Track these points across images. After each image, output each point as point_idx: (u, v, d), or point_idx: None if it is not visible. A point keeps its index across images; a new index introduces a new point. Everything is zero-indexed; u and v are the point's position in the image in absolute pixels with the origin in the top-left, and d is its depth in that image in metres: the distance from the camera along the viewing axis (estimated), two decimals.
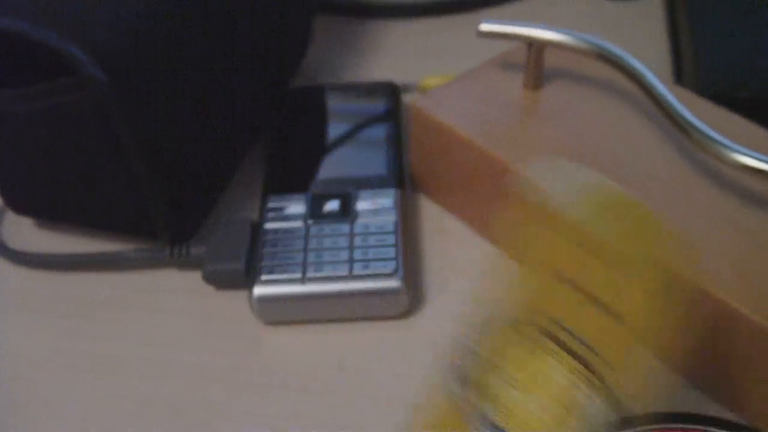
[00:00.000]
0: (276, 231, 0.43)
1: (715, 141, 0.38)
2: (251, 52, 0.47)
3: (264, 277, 0.40)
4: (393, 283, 0.40)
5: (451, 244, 0.45)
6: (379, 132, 0.49)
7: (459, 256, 0.45)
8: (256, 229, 0.44)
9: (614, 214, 0.29)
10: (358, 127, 0.49)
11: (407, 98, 0.53)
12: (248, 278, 0.42)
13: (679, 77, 0.53)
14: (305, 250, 0.42)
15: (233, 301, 0.43)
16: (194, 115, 0.43)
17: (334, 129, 0.49)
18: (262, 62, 0.49)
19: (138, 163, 0.40)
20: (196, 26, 0.42)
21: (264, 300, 0.40)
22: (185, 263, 0.44)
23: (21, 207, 0.46)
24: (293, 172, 0.46)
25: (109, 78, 0.37)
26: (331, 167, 0.47)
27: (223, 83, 0.45)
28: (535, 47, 0.44)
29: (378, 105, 0.51)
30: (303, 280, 0.40)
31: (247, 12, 0.46)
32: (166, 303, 0.43)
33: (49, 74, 0.39)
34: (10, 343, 0.42)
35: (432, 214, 0.47)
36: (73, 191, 0.43)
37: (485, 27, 0.44)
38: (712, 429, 0.37)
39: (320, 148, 0.48)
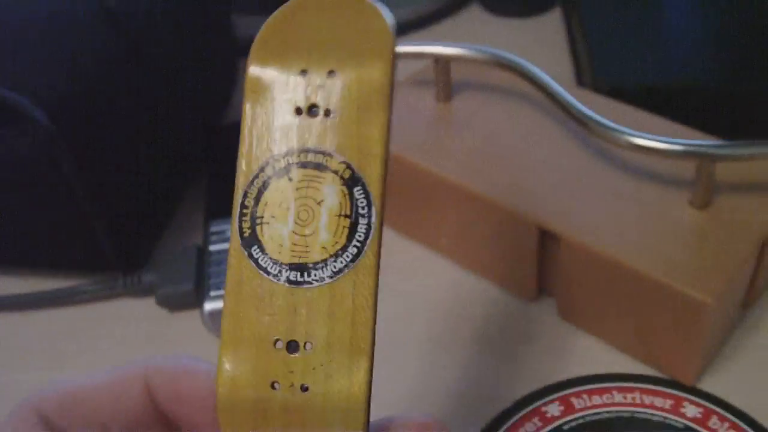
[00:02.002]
0: (220, 252, 0.46)
1: (608, 127, 0.42)
2: (182, 95, 0.51)
3: (213, 293, 0.44)
4: None
5: (384, 250, 0.49)
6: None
7: (396, 262, 0.48)
8: (202, 252, 0.47)
9: None
10: None
11: None
12: (198, 297, 0.45)
13: (580, 80, 0.57)
14: None
15: (186, 320, 0.46)
16: (134, 153, 0.46)
17: None
18: (193, 103, 0.53)
19: (86, 201, 0.43)
20: (131, 75, 0.46)
21: (215, 314, 0.44)
22: (138, 291, 0.47)
23: None
24: (232, 196, 0.50)
25: (54, 124, 0.40)
26: None
27: (158, 124, 0.49)
28: (441, 63, 0.49)
29: None
30: None
31: (176, 61, 0.50)
32: (124, 329, 0.46)
33: None
34: None
35: None
36: (26, 237, 0.46)
37: (397, 49, 0.49)
38: (641, 385, 0.41)
39: None
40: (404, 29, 0.68)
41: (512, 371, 0.42)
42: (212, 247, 0.47)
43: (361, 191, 0.26)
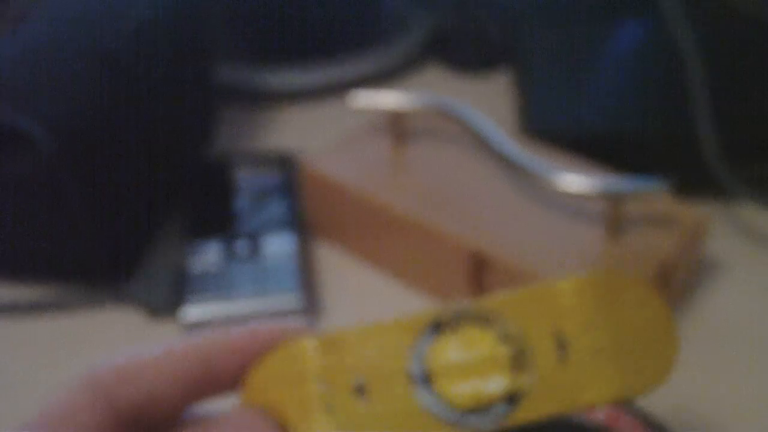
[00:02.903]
0: (199, 268, 0.53)
1: (534, 170, 0.49)
2: (169, 130, 0.58)
3: (192, 303, 0.51)
4: (293, 303, 0.51)
5: (344, 274, 0.56)
6: (277, 190, 0.60)
7: (352, 282, 0.55)
8: (182, 266, 0.54)
9: None
10: (260, 186, 0.60)
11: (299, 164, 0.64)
12: (177, 307, 0.52)
13: (522, 127, 0.64)
14: (225, 282, 0.52)
15: (167, 327, 0.52)
16: (125, 178, 0.53)
17: (241, 188, 0.60)
18: (178, 139, 0.60)
19: (84, 218, 0.49)
20: (126, 110, 0.53)
21: (193, 323, 0.51)
22: (123, 299, 0.53)
23: None
24: (210, 221, 0.57)
25: (59, 148, 0.47)
26: (240, 218, 0.57)
27: (148, 154, 0.55)
28: (395, 112, 0.56)
29: (275, 169, 0.62)
30: (224, 302, 0.51)
31: (165, 101, 0.57)
32: (110, 335, 0.52)
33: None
34: None
35: (327, 251, 0.57)
36: (21, 248, 0.53)
37: (353, 102, 0.56)
38: None
39: (230, 204, 0.58)
40: (367, 83, 0.75)
41: None
42: (191, 263, 0.54)
43: (505, 411, 0.28)
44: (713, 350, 0.50)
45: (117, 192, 0.52)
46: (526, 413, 0.28)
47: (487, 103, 0.67)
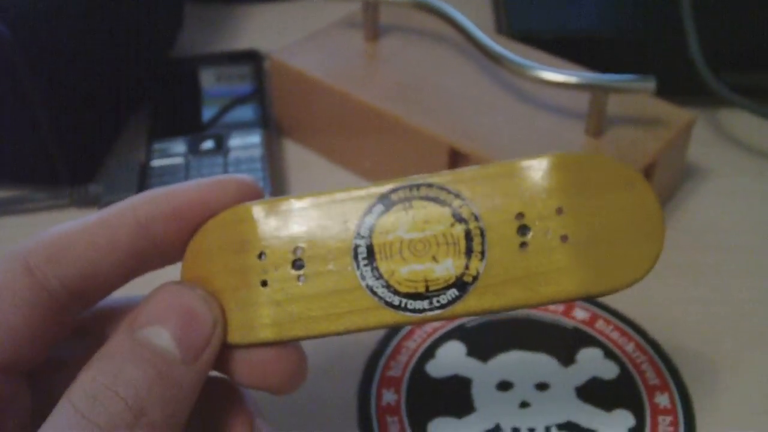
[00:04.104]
0: (161, 167, 0.50)
1: (516, 62, 0.47)
2: (134, 26, 0.55)
3: None
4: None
5: (313, 173, 0.53)
6: (245, 88, 0.57)
7: (319, 181, 0.53)
8: (144, 167, 0.51)
9: None
10: (229, 85, 0.57)
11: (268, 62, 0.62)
12: None
13: (499, 28, 0.62)
14: (186, 178, 0.49)
15: None
16: (86, 70, 0.50)
17: (208, 87, 0.57)
18: (142, 34, 0.56)
19: (40, 111, 0.47)
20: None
21: None
22: (84, 201, 0.50)
23: None
24: (174, 120, 0.54)
25: (12, 34, 0.44)
26: (206, 118, 0.54)
27: (111, 48, 0.52)
28: (370, 6, 0.53)
29: (244, 67, 0.59)
30: None
31: None
32: None
33: None
34: None
35: (296, 152, 0.55)
36: None
37: None
38: None
39: (197, 102, 0.56)
40: None
41: None
42: (153, 163, 0.51)
43: (454, 295, 0.26)
44: (692, 254, 0.48)
45: (77, 89, 0.49)
46: (477, 303, 0.26)
47: (460, 1, 0.65)
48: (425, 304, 0.26)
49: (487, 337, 0.43)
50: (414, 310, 0.26)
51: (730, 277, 0.47)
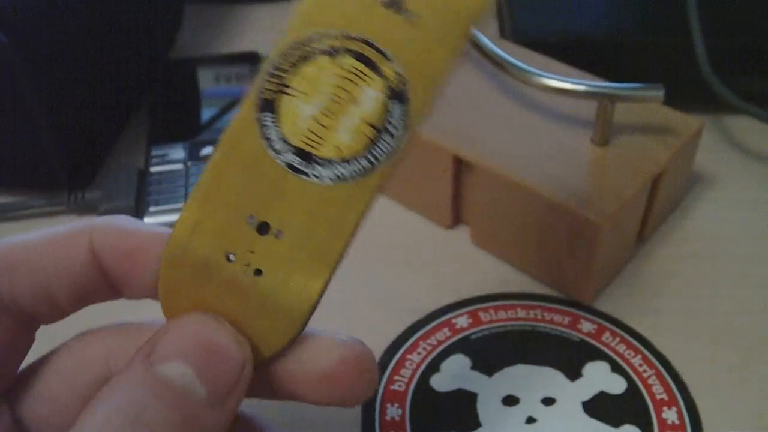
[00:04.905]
0: (160, 173, 0.49)
1: (522, 69, 0.46)
2: (132, 27, 0.54)
3: (152, 209, 0.47)
4: None
5: None
6: (245, 90, 0.56)
7: None
8: (143, 173, 0.50)
9: None
10: (228, 87, 0.56)
11: None
12: (138, 213, 0.48)
13: (502, 33, 0.61)
14: (186, 185, 0.48)
15: None
16: (84, 74, 0.49)
17: (207, 88, 0.56)
18: (141, 35, 0.56)
19: (38, 115, 0.46)
20: (81, 4, 0.49)
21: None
22: (81, 207, 0.50)
23: None
24: (173, 125, 0.53)
25: (10, 38, 0.43)
26: (206, 122, 0.53)
27: (108, 51, 0.51)
28: None
29: (243, 69, 0.58)
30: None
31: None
32: None
33: None
34: None
35: None
36: None
37: None
38: (541, 303, 0.45)
39: (195, 106, 0.55)
40: None
41: (426, 289, 0.46)
42: (153, 169, 0.50)
43: (401, 111, 0.24)
44: (699, 264, 0.48)
45: (75, 92, 0.49)
46: (423, 93, 0.24)
47: None
48: (388, 140, 0.24)
49: (492, 350, 0.43)
50: (377, 156, 0.24)
51: (738, 288, 0.46)
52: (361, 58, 0.23)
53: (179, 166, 0.50)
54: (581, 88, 0.44)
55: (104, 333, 0.28)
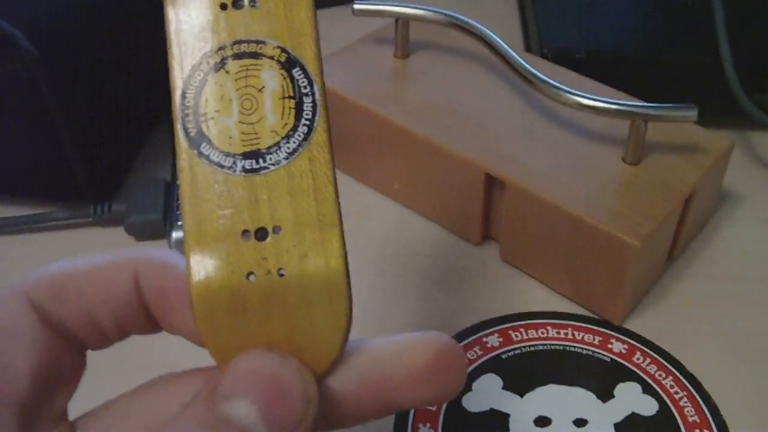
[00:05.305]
0: None
1: (554, 86, 0.46)
2: (156, 35, 0.54)
3: (181, 223, 0.47)
4: None
5: (344, 193, 0.52)
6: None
7: (344, 202, 0.51)
8: (169, 185, 0.50)
9: None
10: None
11: None
12: (166, 227, 0.48)
13: (528, 46, 0.61)
14: None
15: (155, 245, 0.49)
16: (109, 85, 0.49)
17: None
18: (165, 44, 0.55)
19: (63, 127, 0.46)
20: (111, 12, 0.49)
21: (182, 241, 0.46)
22: (108, 220, 0.49)
23: None
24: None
25: (40, 52, 0.43)
26: None
27: (132, 61, 0.51)
28: (401, 22, 0.52)
29: None
30: None
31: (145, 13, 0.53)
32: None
33: None
34: None
35: None
36: (2, 161, 0.49)
37: (358, 6, 0.52)
38: (568, 322, 0.45)
39: None
40: None
41: (456, 306, 0.46)
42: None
43: (300, 71, 0.26)
44: (728, 284, 0.47)
45: (99, 103, 0.48)
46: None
47: (486, 16, 0.63)
48: (307, 99, 0.26)
49: (523, 370, 0.42)
50: (307, 116, 0.26)
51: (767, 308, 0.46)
52: (241, 56, 0.25)
53: None
54: (614, 107, 0.44)
55: (179, 377, 0.28)
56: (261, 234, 0.25)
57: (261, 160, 0.25)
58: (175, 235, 0.47)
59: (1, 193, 0.52)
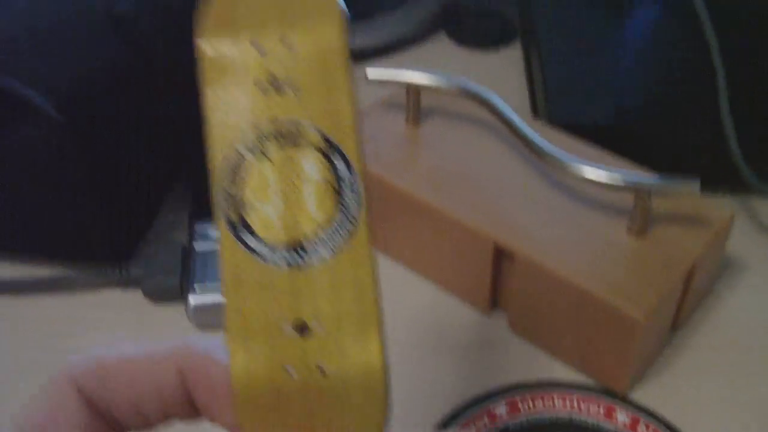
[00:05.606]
0: (205, 251, 0.50)
1: (560, 159, 0.47)
2: (174, 95, 0.55)
3: (198, 289, 0.48)
4: None
5: None
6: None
7: None
8: (186, 250, 0.51)
9: None
10: None
11: None
12: (183, 292, 0.49)
13: (536, 114, 0.62)
14: None
15: (170, 313, 0.50)
16: (129, 150, 0.51)
17: None
18: (181, 107, 0.57)
19: (85, 190, 0.47)
20: (130, 78, 0.50)
21: (199, 308, 0.48)
22: (126, 282, 0.51)
23: None
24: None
25: (63, 117, 0.44)
26: None
27: (150, 126, 0.53)
28: (413, 89, 0.53)
29: None
30: None
31: (170, 69, 0.54)
32: (112, 317, 0.50)
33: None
34: None
35: None
36: (24, 223, 0.50)
37: (372, 74, 0.53)
38: (570, 391, 0.46)
39: None
40: (373, 54, 0.72)
41: (463, 374, 0.47)
42: (197, 246, 0.51)
43: (342, 161, 0.25)
44: (731, 354, 0.48)
45: (120, 165, 0.50)
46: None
47: (495, 83, 0.65)
48: (348, 190, 0.25)
49: None
50: (350, 207, 0.25)
51: None
52: (283, 143, 0.25)
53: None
54: (619, 180, 0.45)
55: None
56: (302, 329, 0.25)
57: (303, 253, 0.25)
58: (193, 301, 0.48)
59: (21, 254, 0.53)
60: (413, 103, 0.54)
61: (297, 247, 0.25)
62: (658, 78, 0.61)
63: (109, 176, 0.49)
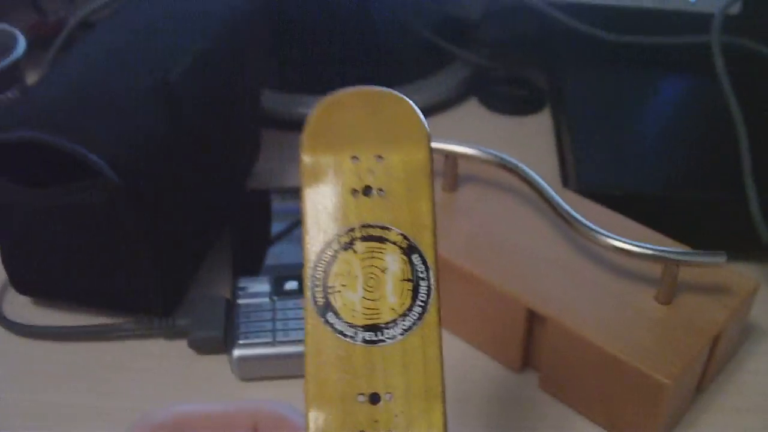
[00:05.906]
0: (248, 305, 0.53)
1: (591, 228, 0.50)
2: (222, 156, 0.58)
3: (242, 341, 0.50)
4: None
5: None
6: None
7: None
8: (230, 304, 0.54)
9: None
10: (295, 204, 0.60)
11: None
12: (226, 344, 0.52)
13: (565, 181, 0.65)
14: (273, 320, 0.52)
15: (214, 364, 0.52)
16: (180, 209, 0.53)
17: (285, 222, 0.60)
18: (223, 168, 0.60)
19: (142, 251, 0.50)
20: (182, 143, 0.53)
21: (243, 359, 0.50)
22: (172, 333, 0.53)
23: (25, 287, 0.55)
24: (256, 258, 0.57)
25: (123, 182, 0.47)
26: (286, 254, 0.57)
27: (197, 187, 0.55)
28: (451, 158, 0.56)
29: None
30: (273, 343, 0.51)
31: (214, 131, 0.57)
32: (157, 366, 0.52)
33: (60, 177, 0.48)
34: (15, 398, 0.51)
35: None
36: (78, 275, 0.53)
37: None
38: None
39: (275, 238, 0.58)
40: None
41: (495, 430, 0.49)
42: (240, 301, 0.53)
43: (419, 258, 0.29)
44: (755, 417, 0.50)
45: (170, 226, 0.53)
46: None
47: (525, 150, 0.67)
48: (423, 283, 0.29)
49: None
50: (423, 297, 0.29)
51: None
52: (368, 239, 0.29)
53: (265, 300, 0.53)
54: (648, 252, 0.48)
55: None
56: (374, 399, 0.28)
57: (380, 334, 0.28)
58: (237, 353, 0.50)
59: (76, 303, 0.55)
60: (450, 171, 0.57)
61: (375, 329, 0.28)
62: (683, 146, 0.63)
63: (159, 235, 0.51)
